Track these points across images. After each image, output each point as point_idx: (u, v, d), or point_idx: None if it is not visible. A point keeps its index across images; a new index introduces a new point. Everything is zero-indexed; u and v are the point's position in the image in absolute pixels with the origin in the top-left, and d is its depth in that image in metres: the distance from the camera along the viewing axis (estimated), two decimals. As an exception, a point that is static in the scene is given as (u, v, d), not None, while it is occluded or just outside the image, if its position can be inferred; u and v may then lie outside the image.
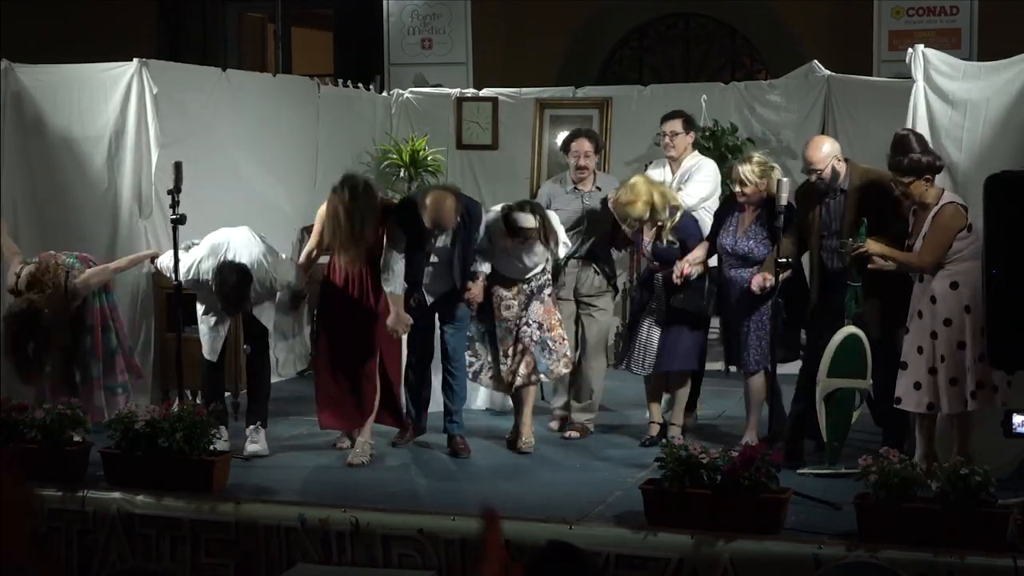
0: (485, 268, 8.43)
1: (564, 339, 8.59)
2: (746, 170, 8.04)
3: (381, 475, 7.89)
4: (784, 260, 7.67)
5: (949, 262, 7.20)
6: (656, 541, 6.42)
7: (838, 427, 7.59)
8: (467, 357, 8.63)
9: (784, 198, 7.58)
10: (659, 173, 9.26)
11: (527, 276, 8.54)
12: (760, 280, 7.87)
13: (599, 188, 8.99)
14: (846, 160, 7.82)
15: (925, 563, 6.03)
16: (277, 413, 9.53)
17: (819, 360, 7.60)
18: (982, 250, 6.75)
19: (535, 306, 8.52)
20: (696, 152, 9.35)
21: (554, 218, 8.58)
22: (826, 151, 7.74)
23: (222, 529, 7.05)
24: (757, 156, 8.19)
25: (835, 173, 7.70)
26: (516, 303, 8.50)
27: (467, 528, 6.65)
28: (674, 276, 8.26)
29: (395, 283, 8.10)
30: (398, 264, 8.12)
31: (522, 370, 8.47)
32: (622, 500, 7.10)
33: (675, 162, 9.20)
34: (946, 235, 7.13)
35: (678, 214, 8.40)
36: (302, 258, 8.61)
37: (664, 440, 8.10)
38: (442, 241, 8.29)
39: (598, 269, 8.97)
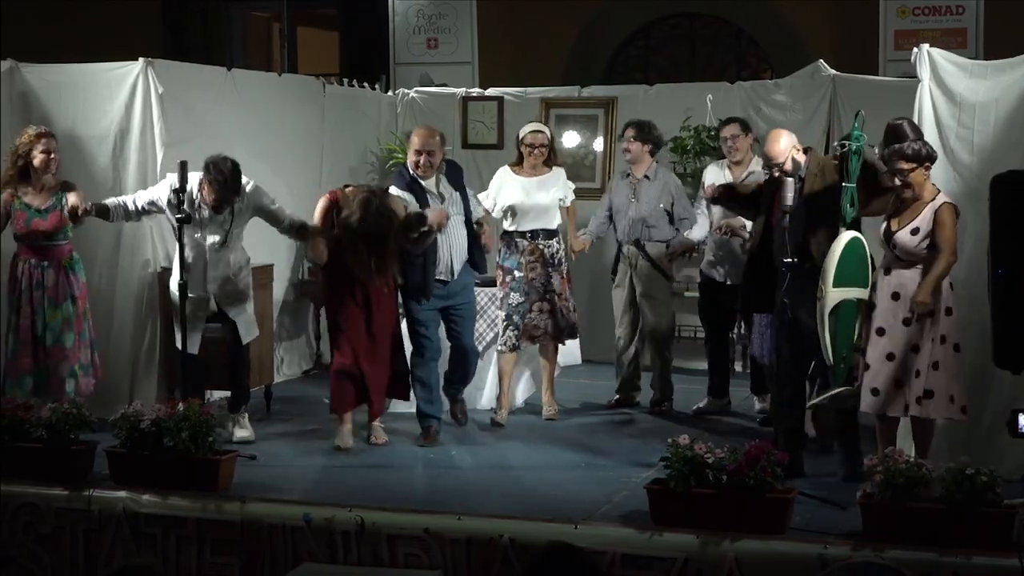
0: (481, 212, 9.03)
1: (573, 310, 9.30)
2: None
3: (386, 475, 7.89)
4: (791, 260, 7.62)
5: (921, 262, 7.18)
6: (661, 541, 6.42)
7: (844, 345, 7.24)
8: (509, 333, 9.13)
9: (790, 198, 7.54)
10: (716, 175, 9.49)
11: (547, 227, 9.18)
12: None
13: (648, 177, 9.43)
14: (806, 151, 7.80)
15: (930, 563, 6.02)
16: (282, 412, 9.58)
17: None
18: (988, 250, 6.74)
19: (556, 278, 9.17)
20: (756, 156, 9.49)
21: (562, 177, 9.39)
22: (785, 144, 7.69)
23: (228, 528, 7.04)
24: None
25: (795, 164, 7.65)
26: (539, 264, 9.10)
27: (472, 528, 6.66)
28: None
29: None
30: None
31: (550, 329, 9.18)
32: (627, 500, 7.11)
33: (738, 165, 9.39)
34: (954, 232, 7.14)
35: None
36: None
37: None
38: (454, 201, 8.69)
39: (644, 255, 9.37)
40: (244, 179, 8.45)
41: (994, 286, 6.73)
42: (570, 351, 9.93)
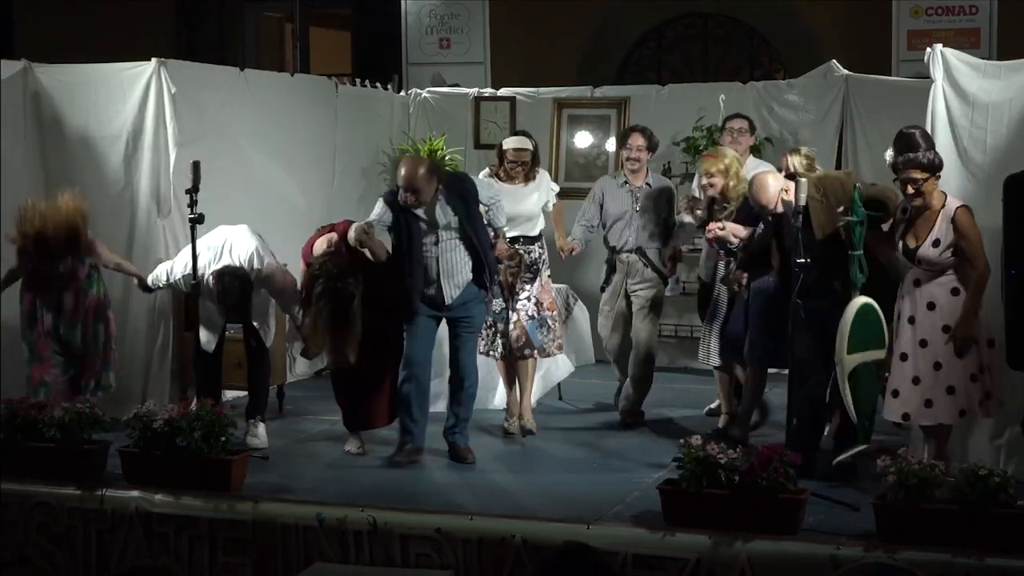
0: (501, 221, 8.44)
1: (557, 321, 9.05)
2: (795, 161, 8.19)
3: (399, 475, 7.89)
4: (804, 261, 7.59)
5: (950, 268, 7.16)
6: (674, 541, 6.42)
7: (866, 404, 7.29)
8: (498, 341, 8.82)
9: (803, 198, 7.46)
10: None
11: (528, 234, 8.86)
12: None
13: (649, 184, 9.22)
14: (792, 177, 7.72)
15: (943, 564, 6.01)
16: (295, 412, 9.60)
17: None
18: (1001, 250, 6.72)
19: (535, 284, 8.84)
20: (752, 156, 9.41)
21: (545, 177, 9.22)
22: (773, 189, 7.65)
23: (240, 528, 7.05)
24: (805, 149, 8.28)
25: (786, 203, 7.55)
26: (518, 270, 8.75)
27: (484, 527, 6.66)
28: (707, 234, 8.57)
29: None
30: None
31: (515, 343, 8.80)
32: (640, 500, 7.10)
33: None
34: (978, 235, 7.07)
35: (732, 207, 8.52)
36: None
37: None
38: (449, 225, 8.02)
39: (645, 262, 9.15)
40: (258, 264, 8.40)
41: (1007, 286, 6.72)
42: (584, 351, 9.92)
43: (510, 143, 9.09)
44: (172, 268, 8.60)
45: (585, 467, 8.11)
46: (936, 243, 7.05)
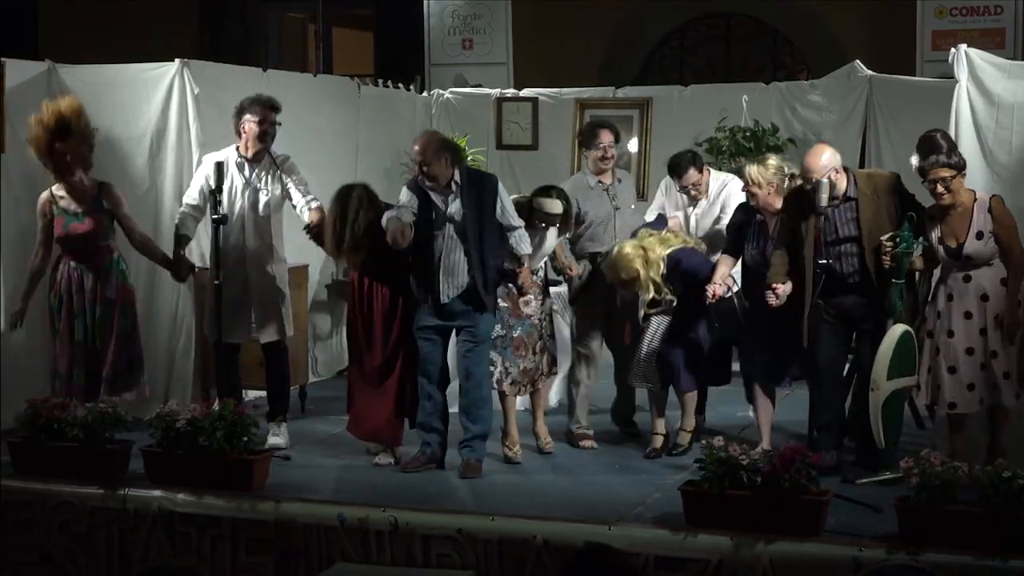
0: (526, 248, 8.06)
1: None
2: (752, 170, 7.86)
3: (420, 475, 7.89)
4: (825, 262, 7.55)
5: (995, 258, 7.16)
6: (695, 542, 6.41)
7: (894, 429, 7.35)
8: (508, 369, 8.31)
9: (824, 199, 7.39)
10: (661, 201, 9.24)
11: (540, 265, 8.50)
12: (783, 290, 7.57)
13: (620, 180, 8.94)
14: (845, 168, 7.58)
15: (966, 566, 5.99)
16: (316, 412, 9.61)
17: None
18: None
19: (549, 301, 8.54)
20: (713, 171, 9.20)
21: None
22: (825, 160, 7.41)
23: (262, 528, 7.08)
24: (773, 159, 8.04)
25: (833, 186, 7.39)
26: (533, 297, 8.30)
27: (506, 528, 6.67)
28: (707, 300, 7.98)
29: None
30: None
31: (545, 366, 8.44)
32: (661, 501, 7.09)
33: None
34: (1013, 222, 7.15)
35: (661, 268, 8.18)
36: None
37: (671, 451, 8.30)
38: (453, 219, 7.80)
39: None
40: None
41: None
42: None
43: (542, 204, 8.27)
44: (190, 195, 8.59)
45: (606, 468, 8.10)
46: (980, 235, 7.13)
